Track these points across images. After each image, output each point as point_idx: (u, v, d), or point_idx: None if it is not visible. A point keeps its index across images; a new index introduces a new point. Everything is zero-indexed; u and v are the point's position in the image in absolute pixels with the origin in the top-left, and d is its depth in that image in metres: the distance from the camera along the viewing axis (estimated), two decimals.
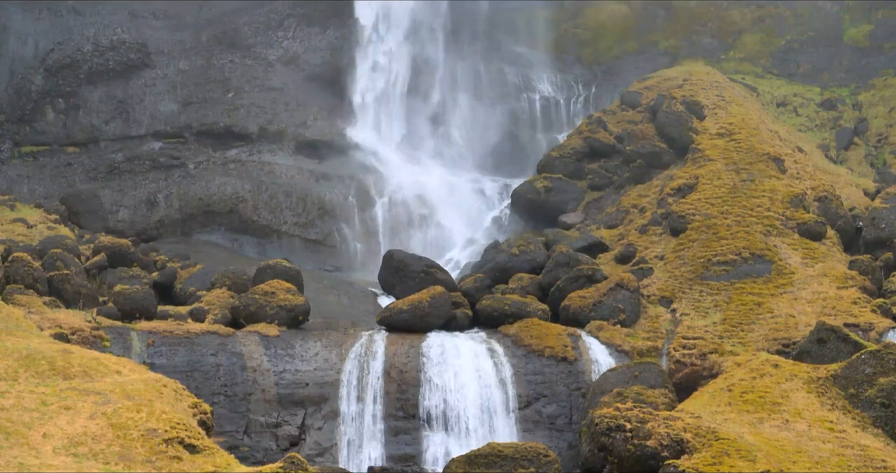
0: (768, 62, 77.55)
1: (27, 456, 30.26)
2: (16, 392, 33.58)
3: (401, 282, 53.60)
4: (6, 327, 39.65)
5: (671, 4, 79.96)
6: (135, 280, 51.50)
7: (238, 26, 72.21)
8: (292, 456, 32.77)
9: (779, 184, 57.92)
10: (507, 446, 39.93)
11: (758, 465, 36.72)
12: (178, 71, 70.76)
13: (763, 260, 53.08)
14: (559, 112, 75.65)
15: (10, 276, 47.35)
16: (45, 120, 68.73)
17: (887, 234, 55.55)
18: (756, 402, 41.39)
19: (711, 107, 65.52)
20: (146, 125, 69.56)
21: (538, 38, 78.52)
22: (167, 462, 31.51)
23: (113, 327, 45.94)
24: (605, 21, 79.44)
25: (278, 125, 70.18)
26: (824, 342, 45.02)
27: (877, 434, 40.17)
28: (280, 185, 67.88)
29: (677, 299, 52.05)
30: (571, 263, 52.99)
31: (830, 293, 50.84)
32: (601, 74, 77.76)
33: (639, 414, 38.81)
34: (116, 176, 67.52)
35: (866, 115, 72.14)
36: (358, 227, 67.65)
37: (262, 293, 49.26)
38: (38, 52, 69.25)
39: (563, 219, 62.99)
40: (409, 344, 47.81)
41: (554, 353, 47.79)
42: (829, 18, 78.68)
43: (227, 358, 46.32)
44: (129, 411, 33.19)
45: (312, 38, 73.00)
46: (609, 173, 65.41)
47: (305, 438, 45.82)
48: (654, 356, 48.52)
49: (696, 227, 55.70)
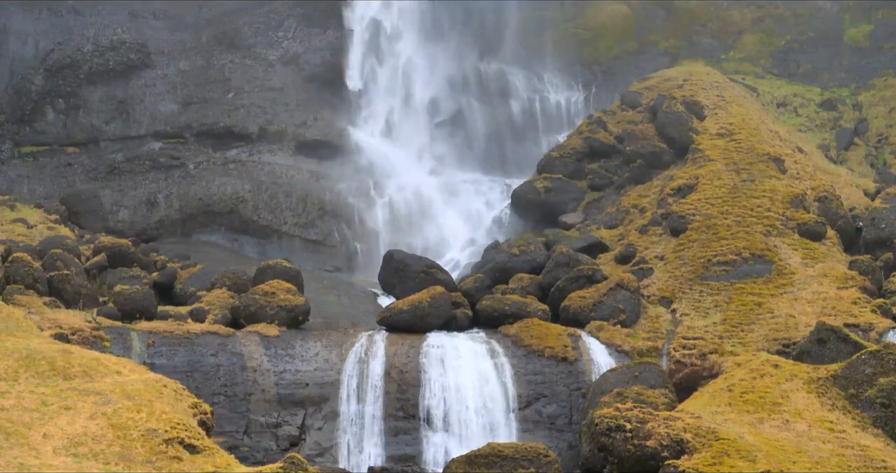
0: (768, 62, 77.55)
1: (27, 456, 30.26)
2: (16, 392, 33.59)
3: (401, 282, 53.59)
4: (6, 327, 39.65)
5: (671, 4, 79.95)
6: (135, 280, 51.49)
7: (238, 26, 72.22)
8: (292, 456, 32.77)
9: (779, 185, 57.92)
10: (507, 446, 39.93)
11: (758, 465, 36.72)
12: (178, 71, 70.77)
13: (763, 260, 53.08)
14: (559, 112, 75.64)
15: (10, 276, 47.34)
16: (45, 120, 68.74)
17: (887, 234, 55.55)
18: (756, 402, 41.39)
19: (711, 108, 65.51)
20: (146, 125, 69.56)
21: (538, 37, 78.51)
22: (167, 463, 31.51)
23: (113, 327, 45.93)
24: (605, 21, 79.43)
25: (278, 125, 70.17)
26: (824, 342, 45.02)
27: (877, 434, 40.17)
28: (280, 185, 67.88)
29: (677, 299, 52.05)
30: (571, 263, 52.99)
31: (830, 293, 50.84)
32: (601, 74, 77.74)
33: (639, 414, 38.81)
34: (116, 176, 67.52)
35: (866, 115, 72.15)
36: (358, 227, 67.65)
37: (262, 293, 49.26)
38: (38, 52, 69.26)
39: (563, 219, 63.00)
40: (409, 344, 47.81)
41: (554, 353, 47.79)
42: (829, 18, 78.68)
43: (227, 358, 46.31)
44: (129, 411, 33.19)
45: (312, 38, 72.99)
46: (609, 173, 65.40)
47: (305, 438, 45.82)
48: (654, 356, 48.52)
49: (696, 227, 55.70)
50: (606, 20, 79.45)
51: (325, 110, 71.55)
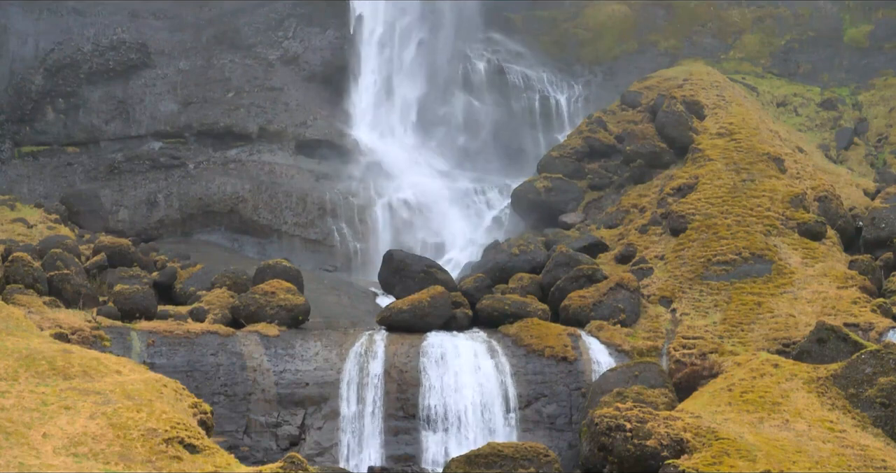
0: (768, 62, 77.56)
1: (27, 456, 30.26)
2: (16, 392, 33.58)
3: (401, 282, 53.56)
4: (6, 327, 39.65)
5: (671, 4, 79.98)
6: (135, 280, 51.49)
7: (238, 26, 72.23)
8: (292, 456, 32.78)
9: (779, 184, 57.91)
10: (507, 446, 39.96)
11: (758, 465, 36.73)
12: (179, 71, 70.78)
13: (763, 260, 53.08)
14: (559, 112, 75.66)
15: (10, 276, 47.34)
16: (45, 120, 68.75)
17: (887, 234, 55.54)
18: (756, 402, 41.39)
19: (711, 107, 65.50)
20: (146, 125, 69.58)
21: (538, 37, 78.53)
22: (167, 462, 31.51)
23: (113, 327, 45.94)
24: (605, 21, 79.47)
25: (278, 125, 70.18)
26: (824, 342, 45.03)
27: (877, 434, 40.18)
28: (280, 185, 67.90)
29: (677, 299, 52.05)
30: (571, 263, 52.97)
31: (830, 293, 50.85)
32: (601, 74, 77.78)
33: (639, 414, 38.82)
34: (116, 176, 67.55)
35: (866, 115, 72.16)
36: (358, 227, 67.65)
37: (262, 293, 49.27)
38: (38, 52, 69.28)
39: (563, 218, 62.99)
40: (409, 344, 47.81)
41: (554, 353, 47.79)
42: (829, 18, 78.69)
43: (227, 357, 46.31)
44: (129, 411, 33.19)
45: (312, 38, 73.00)
46: (609, 173, 65.41)
47: (305, 438, 45.82)
48: (654, 356, 48.53)
49: (696, 227, 55.69)
50: (606, 20, 79.48)
51: (325, 110, 71.56)
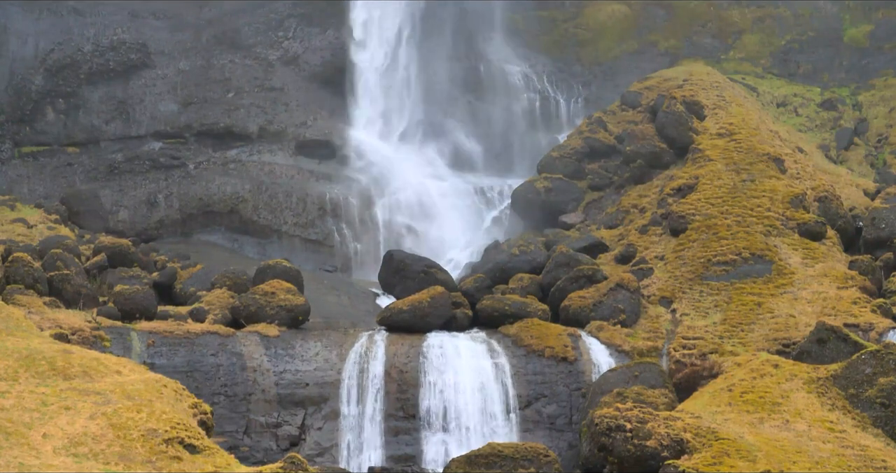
0: (768, 62, 77.56)
1: (27, 456, 30.26)
2: (16, 392, 33.58)
3: (401, 282, 53.56)
4: (6, 327, 39.65)
5: (671, 4, 79.97)
6: (135, 280, 51.49)
7: (238, 26, 72.25)
8: (292, 456, 32.78)
9: (779, 185, 57.91)
10: (507, 446, 39.96)
11: (758, 465, 36.73)
12: (179, 71, 70.80)
13: (763, 260, 53.07)
14: (559, 112, 75.66)
15: (10, 276, 47.33)
16: (45, 120, 68.76)
17: (887, 234, 55.52)
18: (756, 402, 41.39)
19: (711, 108, 65.48)
20: (146, 125, 69.60)
21: (538, 37, 78.51)
22: (167, 463, 31.51)
23: (113, 327, 45.94)
24: (605, 21, 79.46)
25: (278, 125, 70.19)
26: (824, 342, 45.02)
27: (877, 434, 40.18)
28: (280, 185, 67.91)
29: (677, 299, 52.04)
30: (571, 263, 52.96)
31: (830, 293, 50.84)
32: (601, 74, 77.76)
33: (639, 414, 38.81)
34: (116, 176, 67.57)
35: (866, 116, 72.16)
36: (358, 227, 67.66)
37: (262, 293, 49.26)
38: (38, 52, 69.30)
39: (563, 219, 62.99)
40: (409, 344, 47.81)
41: (554, 353, 47.79)
42: (829, 18, 78.68)
43: (227, 358, 46.31)
44: (129, 411, 33.19)
45: (312, 38, 73.03)
46: (609, 173, 65.40)
47: (305, 438, 45.82)
48: (654, 356, 48.52)
49: (696, 227, 55.68)
50: (606, 20, 79.46)
51: (325, 110, 71.58)
